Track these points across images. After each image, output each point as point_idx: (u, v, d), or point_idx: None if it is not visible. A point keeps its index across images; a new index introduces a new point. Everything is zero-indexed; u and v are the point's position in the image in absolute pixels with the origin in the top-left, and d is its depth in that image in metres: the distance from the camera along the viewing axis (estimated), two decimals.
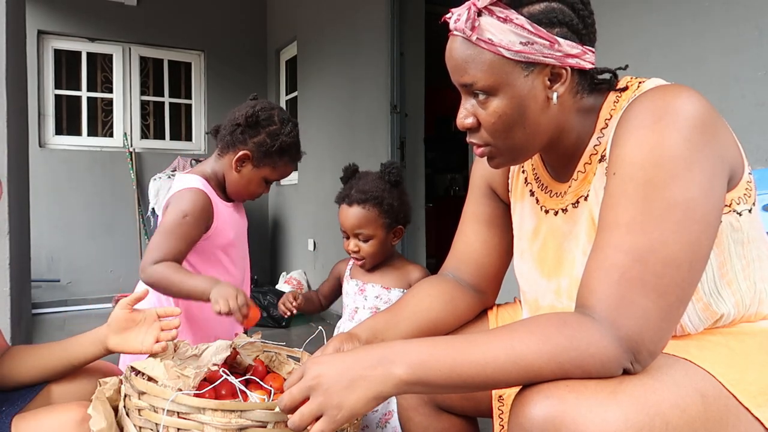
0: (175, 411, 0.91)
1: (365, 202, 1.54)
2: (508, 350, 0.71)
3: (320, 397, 0.73)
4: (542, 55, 0.79)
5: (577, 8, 0.82)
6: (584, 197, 0.88)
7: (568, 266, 0.91)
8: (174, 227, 1.42)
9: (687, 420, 0.68)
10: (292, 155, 1.56)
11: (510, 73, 0.80)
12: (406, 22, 3.50)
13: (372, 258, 1.59)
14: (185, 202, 1.46)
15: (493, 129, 0.84)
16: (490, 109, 0.83)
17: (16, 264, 2.31)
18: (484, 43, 0.79)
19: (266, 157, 1.51)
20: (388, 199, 1.55)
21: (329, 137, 4.26)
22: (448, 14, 0.83)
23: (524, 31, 0.79)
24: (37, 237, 4.06)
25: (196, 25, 5.17)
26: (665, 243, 0.71)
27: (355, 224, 1.55)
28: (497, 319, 1.12)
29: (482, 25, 0.79)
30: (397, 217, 1.58)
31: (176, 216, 1.43)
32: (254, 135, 1.51)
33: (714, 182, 0.74)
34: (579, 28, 0.82)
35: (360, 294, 1.63)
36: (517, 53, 0.79)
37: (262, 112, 1.52)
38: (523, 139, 0.85)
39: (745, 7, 1.68)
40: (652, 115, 0.75)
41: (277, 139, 1.50)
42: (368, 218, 1.54)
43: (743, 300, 0.83)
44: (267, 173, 1.55)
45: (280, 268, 5.09)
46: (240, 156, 1.51)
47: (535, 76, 0.81)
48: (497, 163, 0.90)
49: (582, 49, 0.82)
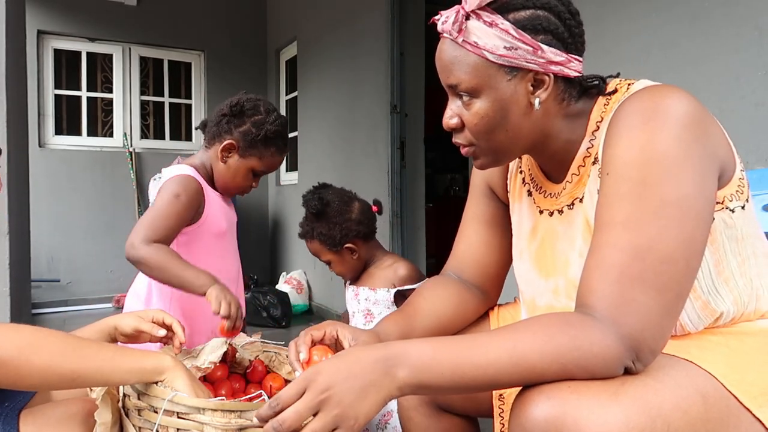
0: (174, 411, 0.91)
1: (304, 237, 1.76)
2: (510, 352, 0.70)
3: (335, 410, 0.70)
4: (525, 61, 0.81)
5: (564, 17, 0.83)
6: (579, 199, 0.89)
7: (563, 267, 0.91)
8: (165, 206, 1.42)
9: (688, 421, 0.68)
10: (278, 145, 1.55)
11: (493, 77, 0.82)
12: (406, 22, 3.50)
13: (345, 275, 1.78)
14: (177, 185, 1.46)
15: (476, 130, 0.85)
16: (473, 110, 0.84)
17: (16, 264, 2.31)
18: (470, 45, 0.81)
19: (252, 147, 1.51)
20: (317, 229, 1.71)
21: (329, 137, 4.26)
22: (437, 16, 0.85)
23: (508, 36, 0.80)
24: (37, 237, 4.06)
25: (196, 25, 5.17)
26: (662, 240, 0.72)
27: (313, 253, 1.76)
28: (498, 319, 1.13)
29: (469, 28, 0.81)
30: (335, 240, 1.70)
31: (168, 196, 1.43)
32: (239, 125, 1.51)
33: (706, 178, 0.75)
34: (564, 37, 0.83)
35: (355, 299, 1.74)
36: (500, 57, 0.80)
37: (247, 102, 1.54)
38: (505, 142, 0.86)
39: (745, 7, 1.68)
40: (642, 116, 0.76)
41: (262, 128, 1.50)
42: (315, 250, 1.75)
43: (741, 297, 0.83)
44: (253, 164, 1.54)
45: (280, 268, 5.09)
46: (225, 145, 1.51)
47: (518, 81, 0.82)
48: (481, 164, 0.91)
49: (566, 57, 0.83)
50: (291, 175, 5.12)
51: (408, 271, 1.69)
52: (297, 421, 0.70)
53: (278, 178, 5.33)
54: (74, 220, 4.72)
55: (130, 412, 0.97)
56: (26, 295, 3.11)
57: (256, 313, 3.84)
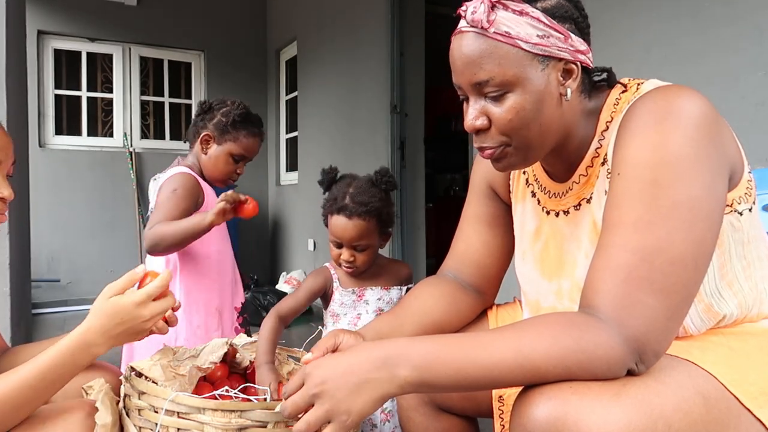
0: (174, 411, 0.91)
1: (366, 215, 1.48)
2: (515, 352, 0.70)
3: (327, 404, 0.71)
4: (557, 49, 0.79)
5: (579, 7, 0.83)
6: (587, 200, 0.88)
7: (570, 268, 0.91)
8: (165, 201, 1.58)
9: (689, 422, 0.67)
10: (247, 127, 1.72)
11: (528, 66, 0.79)
12: (406, 22, 3.50)
13: (365, 266, 1.55)
14: (172, 182, 1.62)
15: (510, 126, 0.81)
16: (506, 106, 0.81)
17: (16, 264, 2.31)
18: (502, 36, 0.78)
19: (225, 133, 1.69)
20: (385, 208, 1.52)
21: (329, 137, 4.26)
22: (462, 7, 0.81)
23: (541, 24, 0.79)
24: (37, 237, 4.05)
25: (196, 25, 5.16)
26: (672, 242, 0.71)
27: (355, 236, 1.49)
28: (497, 319, 1.12)
29: (498, 19, 0.79)
30: (389, 224, 1.57)
31: (167, 192, 1.60)
32: (211, 118, 1.71)
33: (717, 181, 0.74)
34: (583, 27, 0.83)
35: (359, 301, 1.60)
36: (535, 46, 0.79)
37: (214, 101, 1.76)
38: (538, 138, 0.83)
39: (745, 6, 1.68)
40: (654, 116, 0.75)
41: (230, 115, 1.69)
42: (369, 230, 1.50)
43: (746, 301, 0.83)
44: (230, 148, 1.70)
45: (280, 268, 5.09)
46: (203, 137, 1.70)
47: (550, 70, 0.80)
48: (506, 165, 0.87)
49: (587, 47, 0.83)
50: (291, 175, 5.12)
51: (410, 270, 1.66)
52: (294, 410, 0.74)
53: (278, 178, 5.33)
54: (74, 220, 4.72)
55: (130, 412, 0.97)
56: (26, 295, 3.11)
57: (256, 313, 3.83)
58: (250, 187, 4.89)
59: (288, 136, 5.25)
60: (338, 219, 1.48)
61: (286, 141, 5.28)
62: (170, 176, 1.65)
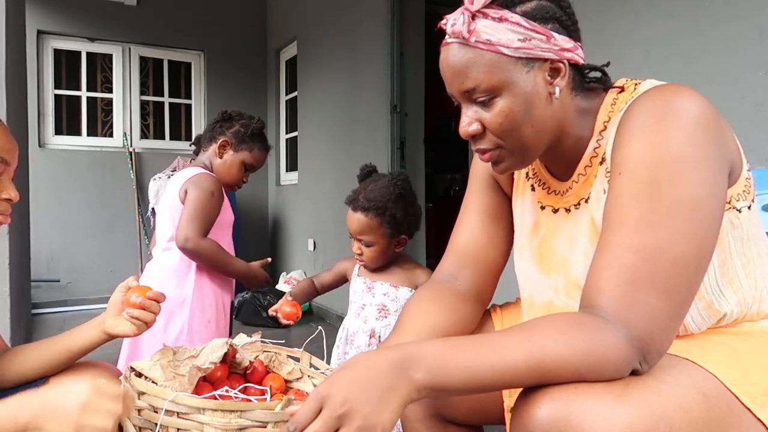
0: (174, 411, 0.91)
1: (368, 210, 1.58)
2: (527, 356, 0.69)
3: (357, 421, 0.67)
4: (541, 50, 0.80)
5: (563, 5, 0.84)
6: (585, 199, 0.88)
7: (566, 265, 0.91)
8: (206, 203, 1.71)
9: (690, 421, 0.67)
10: (262, 142, 1.88)
11: (512, 71, 0.81)
12: (406, 22, 3.50)
13: (372, 262, 1.64)
14: (208, 183, 1.74)
15: (501, 130, 0.83)
16: (495, 110, 0.82)
17: (16, 264, 2.31)
18: (483, 44, 0.80)
19: (242, 142, 1.84)
20: (391, 209, 1.58)
21: (329, 137, 4.26)
22: (443, 20, 0.83)
23: (521, 28, 0.80)
24: (37, 237, 4.06)
25: (196, 25, 5.16)
26: (674, 242, 0.71)
27: (358, 230, 1.60)
28: (502, 321, 1.10)
29: (479, 28, 0.80)
30: (400, 228, 1.61)
31: (204, 195, 1.72)
32: (230, 126, 1.85)
33: (717, 179, 0.75)
34: (568, 24, 0.84)
35: (368, 291, 1.67)
36: (516, 50, 0.80)
37: (233, 112, 1.89)
38: (532, 138, 0.84)
39: (745, 6, 1.68)
40: (654, 115, 0.76)
41: (249, 127, 1.84)
42: (370, 226, 1.58)
43: (745, 298, 0.83)
44: (245, 157, 1.84)
45: (280, 268, 5.09)
46: (221, 143, 1.83)
47: (536, 72, 0.81)
48: (504, 167, 0.89)
49: (574, 44, 0.84)
50: (291, 175, 5.12)
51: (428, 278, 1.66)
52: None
53: (278, 178, 5.33)
54: (74, 220, 4.72)
55: None
56: (26, 295, 3.11)
57: (256, 313, 3.84)
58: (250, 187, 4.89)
59: (288, 136, 5.25)
60: (348, 211, 1.64)
61: (286, 141, 5.28)
62: (197, 175, 1.75)
